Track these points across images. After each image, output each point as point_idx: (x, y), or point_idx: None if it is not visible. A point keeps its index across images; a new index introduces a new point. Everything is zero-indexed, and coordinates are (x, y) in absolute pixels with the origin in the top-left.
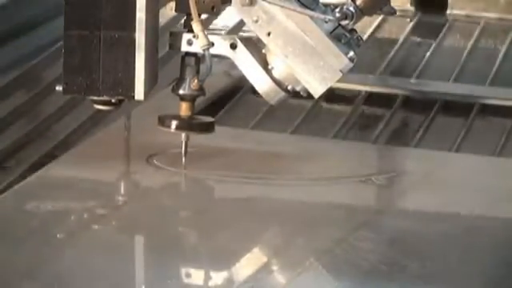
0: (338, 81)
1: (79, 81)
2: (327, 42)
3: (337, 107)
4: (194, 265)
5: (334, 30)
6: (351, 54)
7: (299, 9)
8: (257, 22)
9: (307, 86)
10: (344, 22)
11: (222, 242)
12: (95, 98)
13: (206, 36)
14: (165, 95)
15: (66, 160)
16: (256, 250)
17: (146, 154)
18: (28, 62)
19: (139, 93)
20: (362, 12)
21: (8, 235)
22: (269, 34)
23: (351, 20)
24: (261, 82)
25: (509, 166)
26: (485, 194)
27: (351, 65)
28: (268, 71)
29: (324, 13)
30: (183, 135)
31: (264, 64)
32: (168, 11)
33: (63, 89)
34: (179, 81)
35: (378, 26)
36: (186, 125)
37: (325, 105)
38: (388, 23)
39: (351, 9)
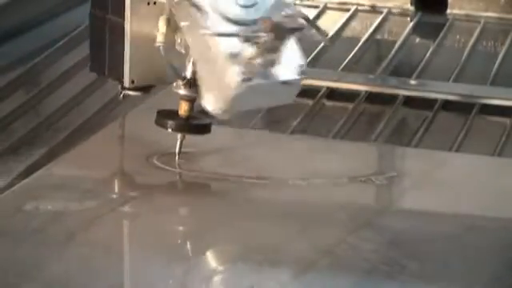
0: (338, 81)
1: (97, 59)
2: (227, 59)
3: (337, 107)
4: (194, 265)
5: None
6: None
7: (193, 15)
8: (186, 25)
9: (206, 101)
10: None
11: (221, 241)
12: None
13: (163, 34)
14: (165, 94)
15: (65, 160)
16: (256, 250)
17: (147, 153)
18: (28, 61)
19: (126, 80)
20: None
21: (8, 235)
22: (191, 40)
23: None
24: (207, 96)
25: (509, 166)
26: (485, 194)
27: (247, 85)
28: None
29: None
30: (179, 135)
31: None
32: None
33: (90, 66)
34: (178, 80)
35: (378, 26)
36: (182, 126)
37: (325, 105)
38: (388, 23)
39: (260, 31)
